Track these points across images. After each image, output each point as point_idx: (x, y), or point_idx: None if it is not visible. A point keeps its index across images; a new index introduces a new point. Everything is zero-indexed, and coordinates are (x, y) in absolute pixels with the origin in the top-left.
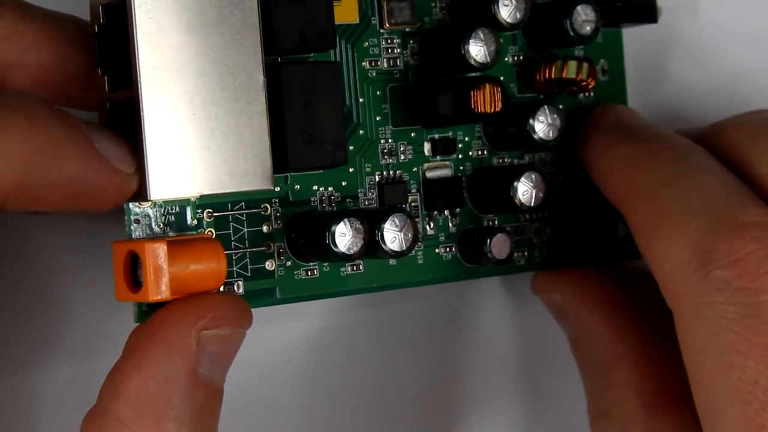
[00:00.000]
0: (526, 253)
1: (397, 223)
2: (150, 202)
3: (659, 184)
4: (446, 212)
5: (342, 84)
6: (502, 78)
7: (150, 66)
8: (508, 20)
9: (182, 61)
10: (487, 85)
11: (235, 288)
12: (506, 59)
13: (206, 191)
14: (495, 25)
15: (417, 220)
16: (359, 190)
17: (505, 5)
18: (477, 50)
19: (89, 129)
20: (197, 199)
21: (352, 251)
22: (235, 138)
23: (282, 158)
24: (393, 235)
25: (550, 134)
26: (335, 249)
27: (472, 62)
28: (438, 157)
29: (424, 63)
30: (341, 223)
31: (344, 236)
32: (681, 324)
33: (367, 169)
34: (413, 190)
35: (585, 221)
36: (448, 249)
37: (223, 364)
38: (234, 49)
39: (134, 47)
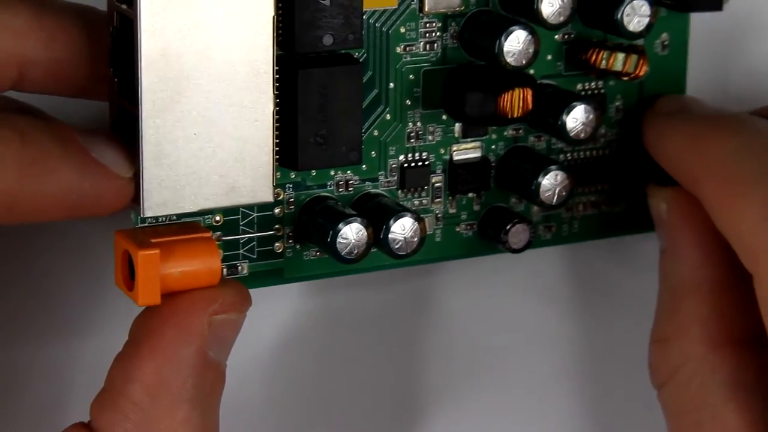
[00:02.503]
0: (554, 228)
1: (405, 226)
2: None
3: (729, 152)
4: (470, 193)
5: (371, 69)
6: (551, 55)
7: (153, 89)
8: (550, 20)
9: (187, 82)
10: (516, 90)
11: (239, 269)
12: (555, 37)
13: (204, 206)
14: (536, 22)
15: (439, 200)
16: (380, 173)
17: (549, 3)
18: (512, 52)
19: (87, 138)
20: None
21: (352, 255)
22: (238, 154)
23: (292, 158)
24: (399, 238)
25: (582, 134)
26: (336, 252)
27: (505, 64)
28: (468, 139)
29: (464, 47)
30: (345, 228)
31: (346, 240)
32: (761, 283)
33: (392, 152)
34: (438, 171)
35: (618, 193)
36: (469, 226)
37: (228, 346)
38: (244, 67)
39: (138, 71)
